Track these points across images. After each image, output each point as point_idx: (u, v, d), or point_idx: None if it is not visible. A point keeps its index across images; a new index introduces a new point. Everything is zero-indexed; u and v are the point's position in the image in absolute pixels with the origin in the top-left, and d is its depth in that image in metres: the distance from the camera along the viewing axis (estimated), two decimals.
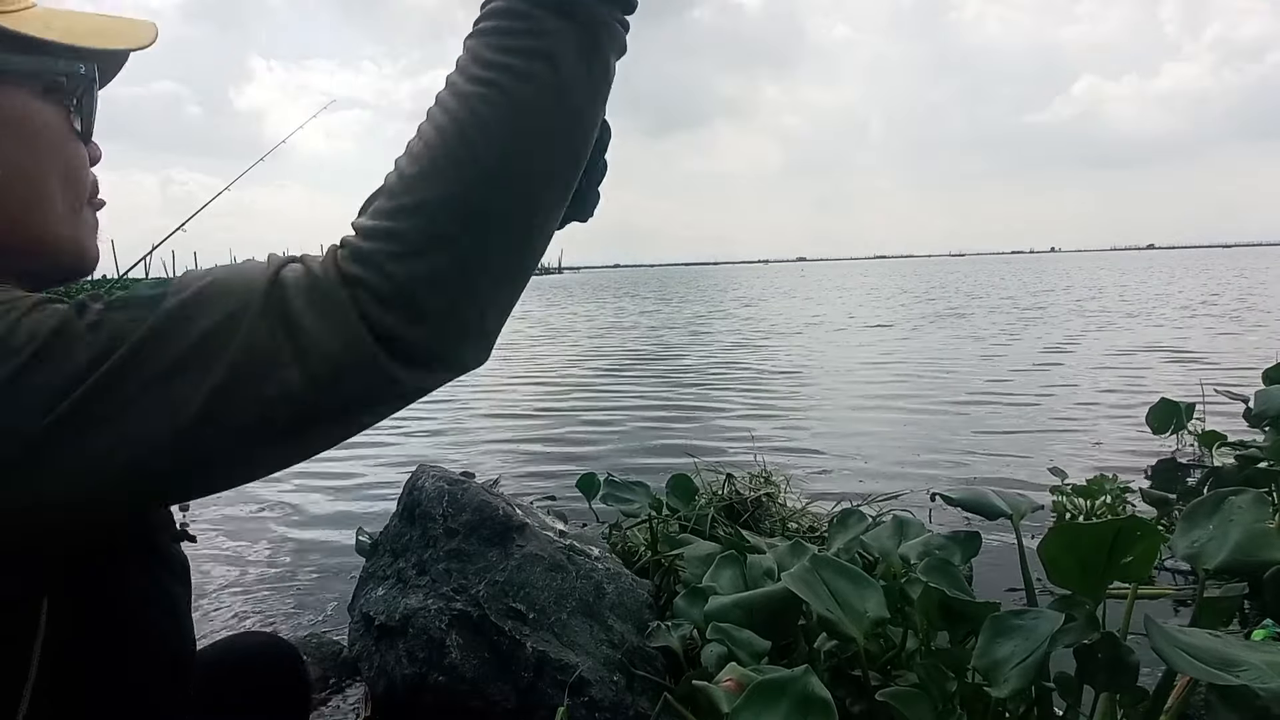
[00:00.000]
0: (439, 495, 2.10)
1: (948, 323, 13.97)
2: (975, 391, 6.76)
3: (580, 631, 1.88)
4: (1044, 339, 10.64)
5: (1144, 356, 8.56)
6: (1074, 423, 5.36)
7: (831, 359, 9.56)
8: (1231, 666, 1.06)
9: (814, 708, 1.18)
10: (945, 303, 20.04)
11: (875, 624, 1.51)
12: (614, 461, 4.67)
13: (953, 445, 4.87)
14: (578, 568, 2.02)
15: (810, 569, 1.54)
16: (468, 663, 1.79)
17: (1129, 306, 16.10)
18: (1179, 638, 1.10)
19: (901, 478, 4.10)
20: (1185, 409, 4.23)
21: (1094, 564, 1.26)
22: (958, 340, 10.95)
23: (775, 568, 1.90)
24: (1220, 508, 1.40)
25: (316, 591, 2.90)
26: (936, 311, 17.01)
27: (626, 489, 2.91)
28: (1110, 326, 12.02)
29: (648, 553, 2.48)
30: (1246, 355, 8.14)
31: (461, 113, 0.51)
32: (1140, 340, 10.06)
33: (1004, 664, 1.25)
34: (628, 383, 8.14)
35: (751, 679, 1.28)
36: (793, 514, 3.11)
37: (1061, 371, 7.74)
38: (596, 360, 10.33)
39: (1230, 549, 1.32)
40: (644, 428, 5.79)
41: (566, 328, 16.58)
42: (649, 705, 1.76)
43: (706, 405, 6.63)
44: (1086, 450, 4.59)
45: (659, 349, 11.44)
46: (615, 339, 13.42)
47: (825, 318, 16.43)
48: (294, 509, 3.95)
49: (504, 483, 4.02)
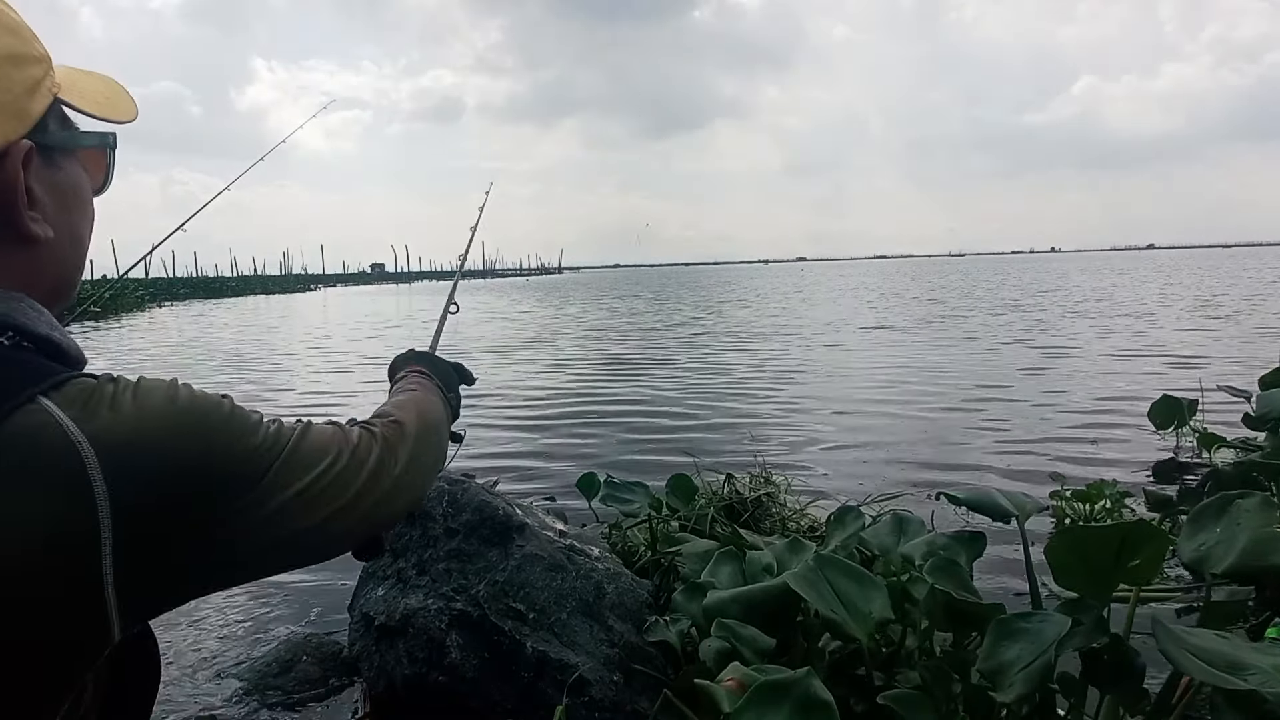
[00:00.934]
0: (439, 495, 2.09)
1: (947, 324, 13.96)
2: (975, 392, 6.75)
3: (580, 631, 1.87)
4: (1043, 340, 10.64)
5: (1144, 357, 8.56)
6: (1074, 423, 5.35)
7: (831, 360, 9.56)
8: (1239, 670, 1.05)
9: (816, 710, 1.17)
10: (945, 303, 20.04)
11: (879, 625, 1.50)
12: (613, 461, 4.66)
13: (952, 446, 4.87)
14: (578, 568, 2.01)
15: (814, 568, 1.53)
16: (468, 663, 1.77)
17: (1129, 307, 16.09)
18: (1186, 640, 1.09)
19: (901, 479, 4.10)
20: (1187, 406, 4.23)
21: (1101, 567, 1.25)
22: (957, 341, 10.94)
23: (774, 564, 1.89)
24: (1227, 511, 1.39)
25: (316, 591, 2.89)
26: (936, 312, 17.00)
27: (626, 489, 2.90)
28: (1110, 327, 12.02)
29: (647, 552, 2.47)
30: (1246, 355, 8.14)
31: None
32: (1140, 341, 10.06)
33: (1010, 667, 1.24)
34: (628, 383, 8.13)
35: (754, 679, 1.27)
36: (792, 514, 3.10)
37: (1061, 372, 7.73)
38: (596, 360, 10.32)
39: (1238, 553, 1.31)
40: (644, 428, 5.78)
41: (566, 328, 16.56)
42: (648, 703, 1.75)
43: (706, 406, 6.62)
44: (1087, 450, 4.58)
45: (659, 349, 11.43)
46: (615, 339, 13.40)
47: (825, 318, 16.41)
48: None
49: (504, 483, 4.01)
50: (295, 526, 0.66)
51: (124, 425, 0.57)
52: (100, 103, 0.74)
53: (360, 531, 0.74)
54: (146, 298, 31.05)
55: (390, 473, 0.76)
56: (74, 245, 0.72)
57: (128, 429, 0.57)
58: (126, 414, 0.58)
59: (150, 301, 31.06)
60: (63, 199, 0.69)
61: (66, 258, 0.71)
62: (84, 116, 0.73)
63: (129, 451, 0.56)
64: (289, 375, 9.58)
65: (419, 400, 0.92)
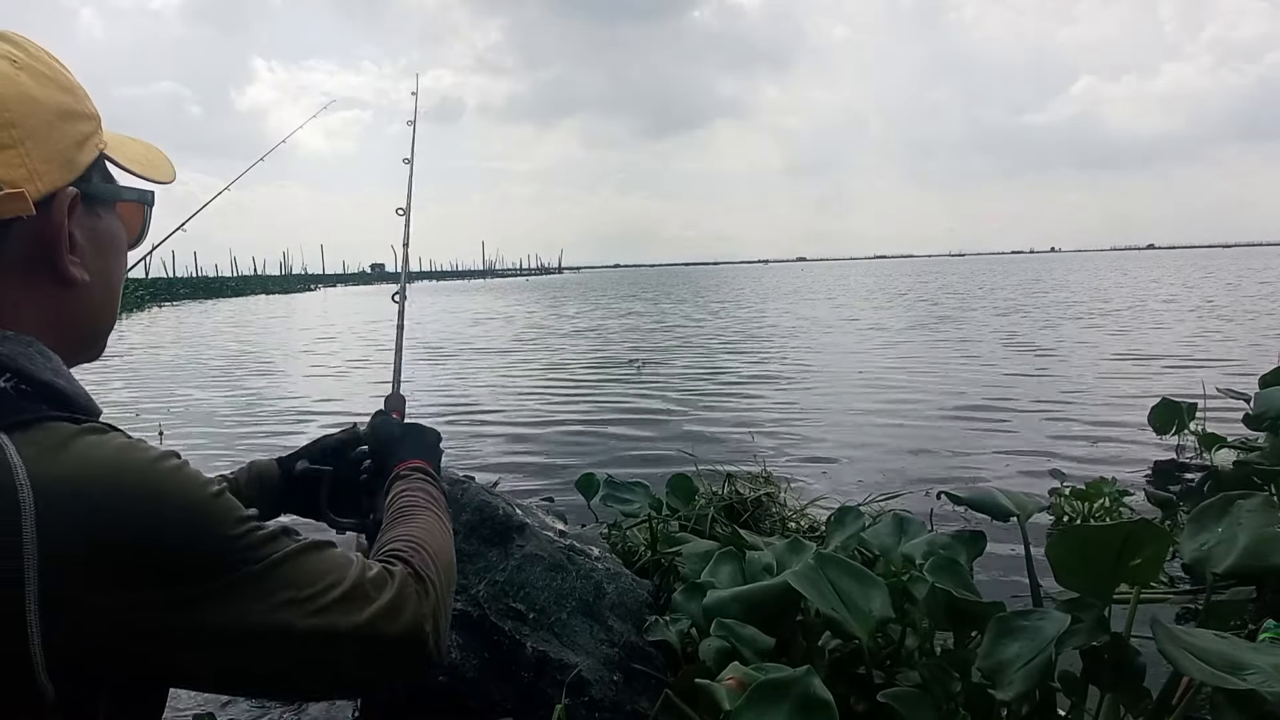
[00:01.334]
0: None
1: (947, 324, 13.96)
2: (975, 393, 6.75)
3: (580, 631, 1.87)
4: (1043, 340, 10.64)
5: (1143, 357, 8.56)
6: (1073, 423, 5.35)
7: (831, 361, 9.55)
8: (1239, 670, 1.05)
9: (815, 709, 1.17)
10: (944, 303, 20.04)
11: (880, 623, 1.50)
12: (613, 461, 4.66)
13: (952, 446, 4.86)
14: (577, 567, 2.01)
15: (815, 567, 1.53)
16: (468, 663, 1.77)
17: (1128, 307, 16.09)
18: (1186, 640, 1.09)
19: (901, 480, 4.10)
20: (1186, 408, 4.22)
21: (1102, 566, 1.25)
22: (957, 342, 10.94)
23: (774, 564, 1.89)
24: (1228, 511, 1.39)
25: None
26: (936, 313, 17.01)
27: (626, 489, 2.89)
28: (1109, 327, 12.02)
29: (647, 553, 2.46)
30: (1246, 356, 8.14)
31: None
32: (1139, 341, 10.06)
33: (1009, 665, 1.23)
34: (628, 383, 8.13)
35: (754, 678, 1.27)
36: (792, 514, 3.10)
37: (1060, 373, 7.73)
38: (596, 361, 10.32)
39: (1239, 553, 1.31)
40: (643, 428, 5.78)
41: (565, 328, 16.56)
42: (648, 703, 1.75)
43: (706, 406, 6.62)
44: (1086, 451, 4.58)
45: (657, 350, 11.43)
46: (613, 340, 13.41)
47: (824, 319, 16.42)
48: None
49: (504, 483, 4.01)
50: (261, 643, 0.62)
51: (66, 471, 0.56)
52: (142, 162, 0.79)
53: (348, 677, 0.68)
54: (146, 298, 31.11)
55: (396, 621, 0.69)
56: (107, 291, 0.76)
57: (69, 475, 0.56)
58: (74, 461, 0.57)
59: (150, 301, 31.12)
60: (101, 246, 0.74)
61: (101, 302, 0.75)
62: (126, 174, 0.79)
63: (65, 498, 0.55)
64: (286, 377, 9.59)
65: (432, 530, 0.86)
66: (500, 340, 13.62)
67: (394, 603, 0.70)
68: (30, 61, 0.70)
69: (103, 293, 0.74)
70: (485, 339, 13.94)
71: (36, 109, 0.67)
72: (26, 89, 0.67)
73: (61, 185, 0.68)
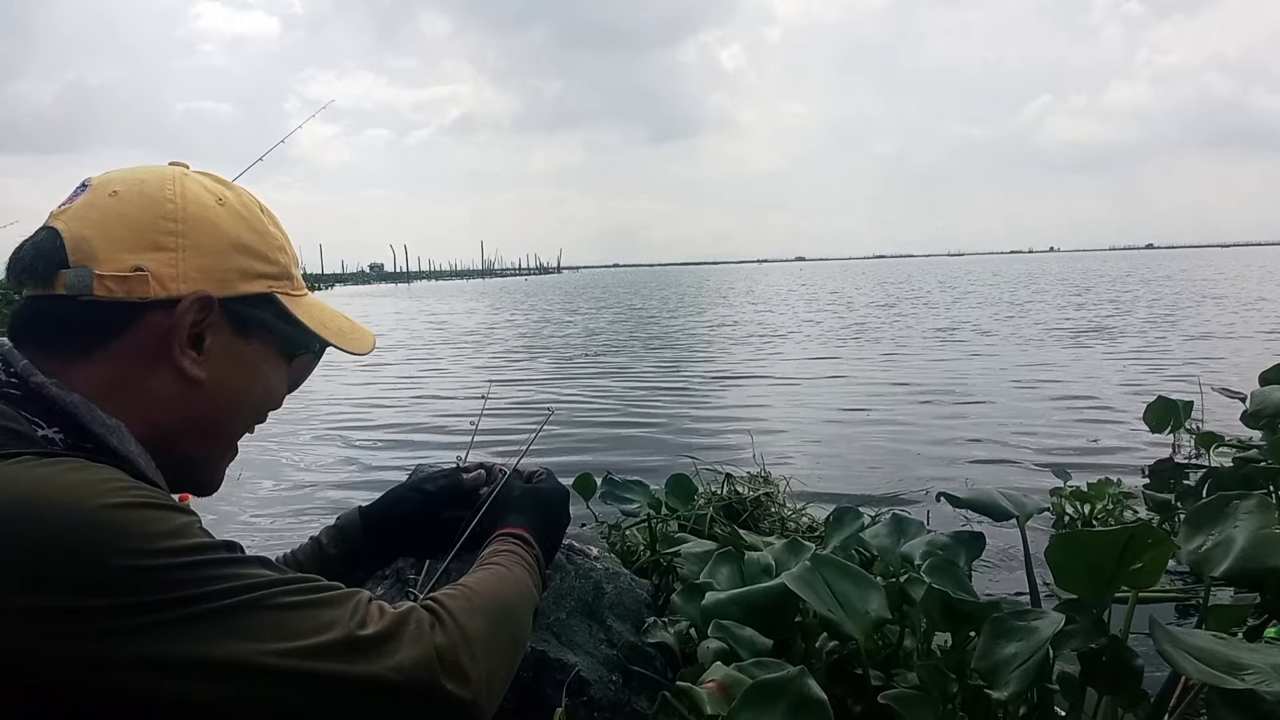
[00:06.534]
0: None
1: (946, 325, 13.96)
2: (975, 393, 6.75)
3: (579, 631, 1.87)
4: (1042, 340, 10.64)
5: (1142, 357, 8.56)
6: (1072, 423, 5.36)
7: (831, 361, 9.55)
8: (1237, 670, 1.05)
9: (810, 709, 1.18)
10: (944, 304, 20.04)
11: (877, 625, 1.50)
12: (612, 461, 4.66)
13: (952, 447, 4.87)
14: (576, 567, 2.01)
15: (811, 568, 1.53)
16: None
17: (1128, 307, 16.09)
18: (1184, 640, 1.09)
19: (901, 479, 4.10)
20: (1183, 407, 4.22)
21: (1102, 570, 1.25)
22: (955, 343, 10.94)
23: (773, 564, 1.89)
24: (1225, 512, 1.39)
25: None
26: (935, 313, 17.00)
27: (625, 489, 2.89)
28: (1109, 327, 12.02)
29: (646, 552, 2.46)
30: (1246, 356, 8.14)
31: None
32: (1139, 341, 10.06)
33: (1005, 665, 1.24)
34: (628, 384, 8.13)
35: (739, 679, 1.27)
36: (791, 514, 3.10)
37: (1059, 373, 7.74)
38: (596, 361, 10.31)
39: (1236, 555, 1.31)
40: (643, 428, 5.78)
41: (564, 328, 16.56)
42: (647, 704, 1.75)
43: (706, 406, 6.63)
44: (1085, 450, 4.59)
45: (658, 350, 11.43)
46: (615, 339, 13.40)
47: (824, 320, 16.42)
48: (293, 508, 3.93)
49: None
50: (227, 680, 0.57)
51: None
52: (333, 331, 0.84)
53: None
54: None
55: (390, 657, 0.63)
56: (226, 398, 0.77)
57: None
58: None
59: None
60: (238, 361, 0.77)
61: (214, 403, 0.76)
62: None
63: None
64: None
65: (487, 581, 0.85)
66: (497, 339, 13.62)
67: (384, 635, 0.64)
68: (235, 204, 0.77)
69: (219, 397, 0.75)
70: (484, 338, 13.93)
71: (212, 231, 0.73)
72: (212, 216, 0.74)
73: (198, 291, 0.71)
